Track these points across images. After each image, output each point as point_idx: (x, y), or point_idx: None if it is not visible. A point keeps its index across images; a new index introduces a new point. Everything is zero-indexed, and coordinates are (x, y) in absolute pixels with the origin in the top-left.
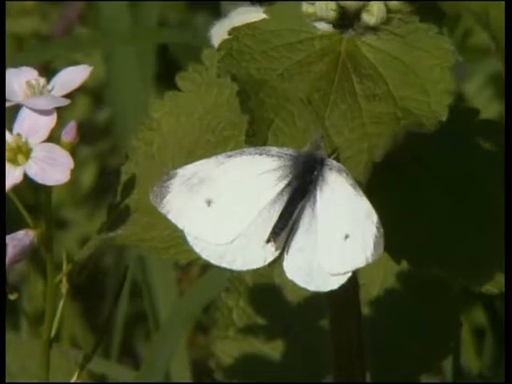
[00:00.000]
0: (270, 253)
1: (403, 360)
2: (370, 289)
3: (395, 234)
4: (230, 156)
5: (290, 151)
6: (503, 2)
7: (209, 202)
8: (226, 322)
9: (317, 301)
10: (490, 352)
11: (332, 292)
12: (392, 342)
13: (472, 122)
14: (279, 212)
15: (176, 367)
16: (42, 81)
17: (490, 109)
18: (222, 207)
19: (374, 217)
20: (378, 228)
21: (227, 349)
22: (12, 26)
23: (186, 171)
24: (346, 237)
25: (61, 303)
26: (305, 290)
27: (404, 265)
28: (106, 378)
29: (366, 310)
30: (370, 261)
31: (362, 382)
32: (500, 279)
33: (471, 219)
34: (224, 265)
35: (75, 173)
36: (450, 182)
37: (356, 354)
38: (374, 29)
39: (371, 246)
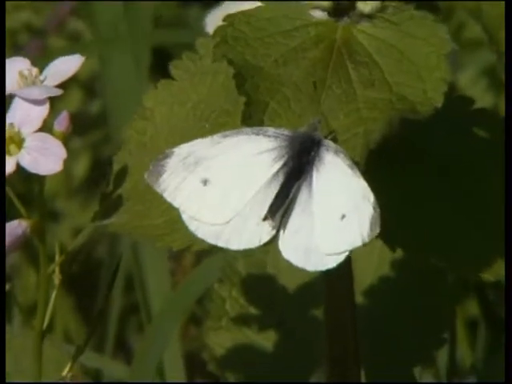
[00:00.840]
0: (265, 233)
1: (397, 350)
2: (364, 278)
3: (391, 222)
4: (226, 136)
5: (286, 132)
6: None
7: (205, 182)
8: (219, 312)
9: (310, 291)
10: (483, 343)
11: (326, 279)
12: (386, 332)
13: (467, 110)
14: (276, 192)
15: (169, 360)
16: (35, 71)
17: (483, 101)
18: (218, 187)
19: (371, 197)
20: (374, 208)
21: (220, 340)
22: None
23: (181, 150)
24: (343, 217)
25: (53, 294)
26: (300, 269)
27: (398, 254)
28: (99, 372)
29: (359, 299)
30: (366, 240)
31: (355, 379)
32: (496, 267)
33: (467, 207)
34: (220, 244)
35: (68, 164)
36: (446, 170)
37: (350, 345)
38: (369, 16)
39: (367, 225)
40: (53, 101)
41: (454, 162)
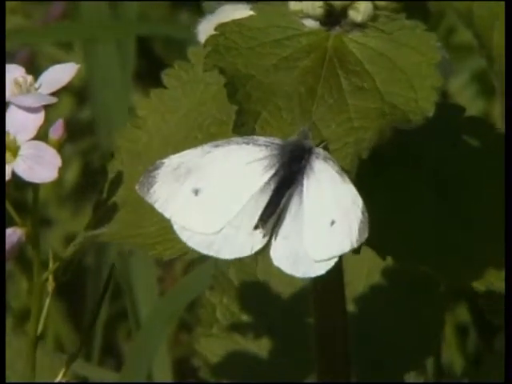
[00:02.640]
0: (257, 241)
1: (388, 357)
2: (355, 285)
3: (381, 230)
4: (217, 145)
5: (277, 140)
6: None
7: (196, 191)
8: (210, 319)
9: (301, 298)
10: (472, 350)
11: (316, 287)
12: (376, 338)
13: (458, 118)
14: (267, 200)
15: (158, 367)
16: (30, 79)
17: (474, 106)
18: (209, 196)
19: (360, 202)
20: (363, 213)
21: (211, 346)
22: None
23: (172, 161)
24: (333, 223)
25: (47, 301)
26: (291, 276)
27: (389, 262)
28: (88, 379)
29: (351, 306)
30: (355, 245)
31: (345, 380)
32: (487, 276)
33: (457, 216)
34: (211, 253)
35: (60, 171)
36: (436, 179)
37: (340, 351)
38: (360, 26)
39: (356, 230)
40: (44, 106)
41: (444, 171)
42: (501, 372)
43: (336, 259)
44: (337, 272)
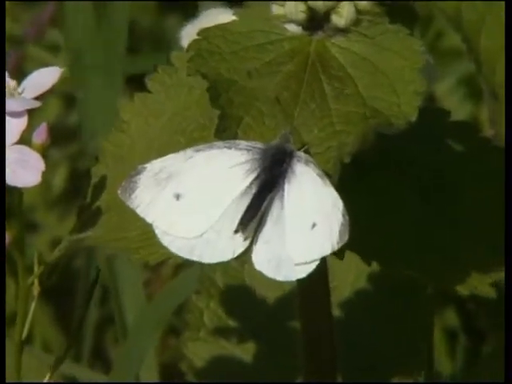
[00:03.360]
0: (239, 245)
1: (375, 361)
2: (342, 290)
3: (366, 236)
4: (198, 150)
5: (259, 144)
6: (476, 4)
7: (177, 196)
8: (197, 323)
9: (288, 302)
10: (462, 354)
11: (301, 291)
12: (363, 342)
13: (443, 123)
14: (247, 204)
15: (145, 372)
16: (13, 83)
17: (462, 110)
18: (190, 201)
19: (340, 205)
20: (343, 215)
21: (198, 351)
22: None
23: (154, 166)
24: (313, 225)
25: (32, 305)
26: (274, 280)
27: (375, 267)
28: (77, 382)
29: (337, 311)
30: (335, 248)
31: None
32: (471, 281)
33: (442, 221)
34: (194, 258)
35: (46, 175)
36: (421, 184)
37: (327, 357)
38: (343, 30)
39: (337, 233)
40: (31, 112)
41: (428, 176)
42: (491, 374)
43: (317, 262)
44: (322, 276)
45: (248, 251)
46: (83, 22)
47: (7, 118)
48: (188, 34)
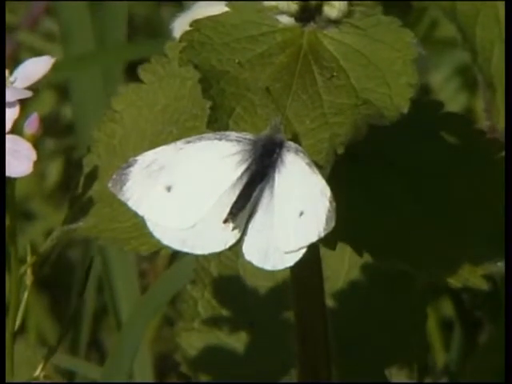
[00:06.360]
0: (231, 236)
1: (369, 352)
2: (335, 281)
3: (358, 227)
4: (189, 142)
5: (249, 136)
6: None
7: (169, 188)
8: (191, 313)
9: (282, 292)
10: (457, 345)
11: (295, 281)
12: (357, 333)
13: (436, 115)
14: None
15: (139, 363)
16: (6, 73)
17: (457, 100)
18: (181, 193)
19: (328, 192)
20: (330, 202)
21: (192, 341)
22: None
23: (145, 158)
24: (301, 214)
25: (25, 295)
26: (261, 269)
27: (368, 257)
28: (73, 373)
29: (331, 302)
30: (322, 235)
31: (327, 380)
32: (462, 273)
33: (434, 213)
34: (186, 249)
35: (42, 166)
36: (413, 176)
37: (321, 346)
38: (335, 22)
39: (324, 220)
40: (26, 103)
41: (420, 168)
42: (486, 367)
43: (304, 250)
44: (315, 266)
45: (240, 242)
46: (78, 12)
47: None
48: (180, 25)
